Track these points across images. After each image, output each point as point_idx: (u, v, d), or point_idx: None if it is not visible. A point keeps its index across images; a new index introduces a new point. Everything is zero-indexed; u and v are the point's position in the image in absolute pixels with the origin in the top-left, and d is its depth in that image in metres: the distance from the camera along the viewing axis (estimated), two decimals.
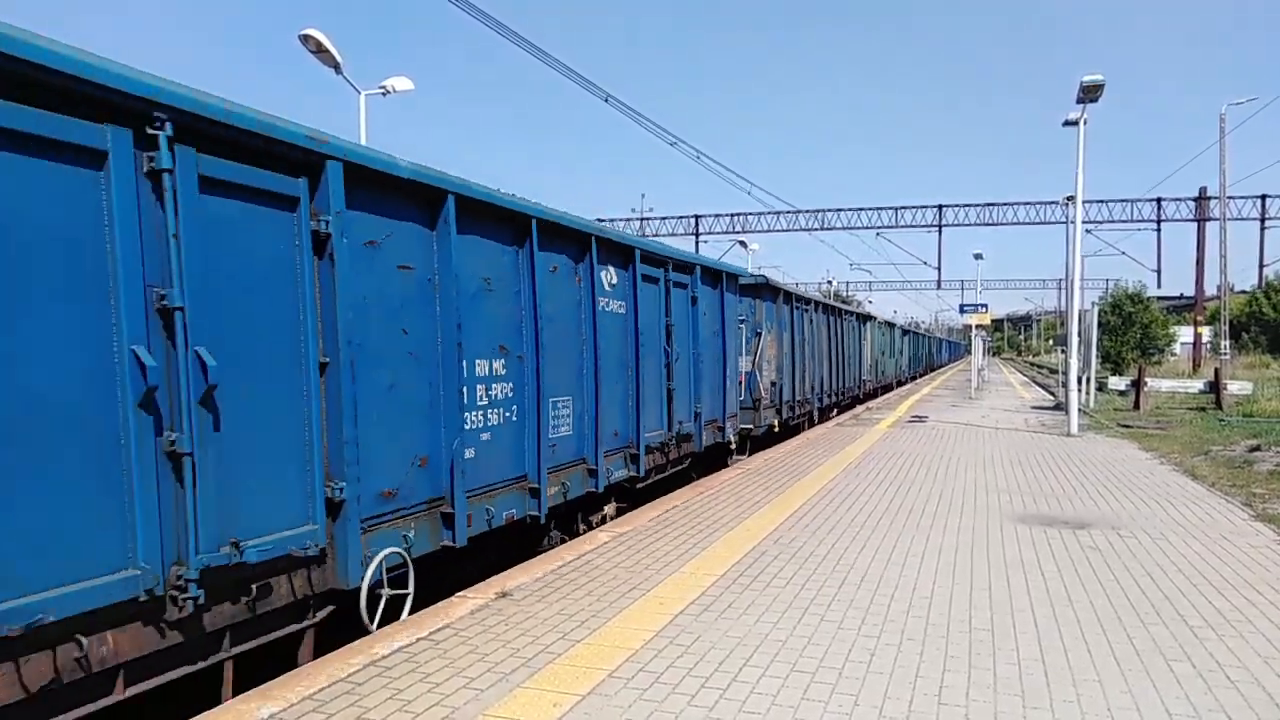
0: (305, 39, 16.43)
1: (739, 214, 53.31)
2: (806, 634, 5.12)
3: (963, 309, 36.93)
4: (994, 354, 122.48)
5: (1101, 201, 47.37)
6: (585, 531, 8.45)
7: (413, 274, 5.74)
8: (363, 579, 5.10)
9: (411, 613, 5.53)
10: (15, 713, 3.44)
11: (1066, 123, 17.65)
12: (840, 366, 23.43)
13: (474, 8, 11.88)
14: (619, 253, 9.00)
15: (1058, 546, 7.36)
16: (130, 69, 3.85)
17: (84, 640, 3.63)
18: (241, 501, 4.40)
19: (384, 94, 18.65)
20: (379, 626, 5.21)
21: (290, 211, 4.74)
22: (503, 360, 6.74)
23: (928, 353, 65.98)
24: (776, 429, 15.56)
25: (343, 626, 5.21)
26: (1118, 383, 27.98)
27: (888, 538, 7.66)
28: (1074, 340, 18.27)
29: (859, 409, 24.24)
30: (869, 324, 30.24)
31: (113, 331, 3.79)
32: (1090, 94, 16.06)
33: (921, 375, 55.08)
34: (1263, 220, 45.12)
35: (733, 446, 12.86)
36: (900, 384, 40.73)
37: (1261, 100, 74.85)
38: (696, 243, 53.80)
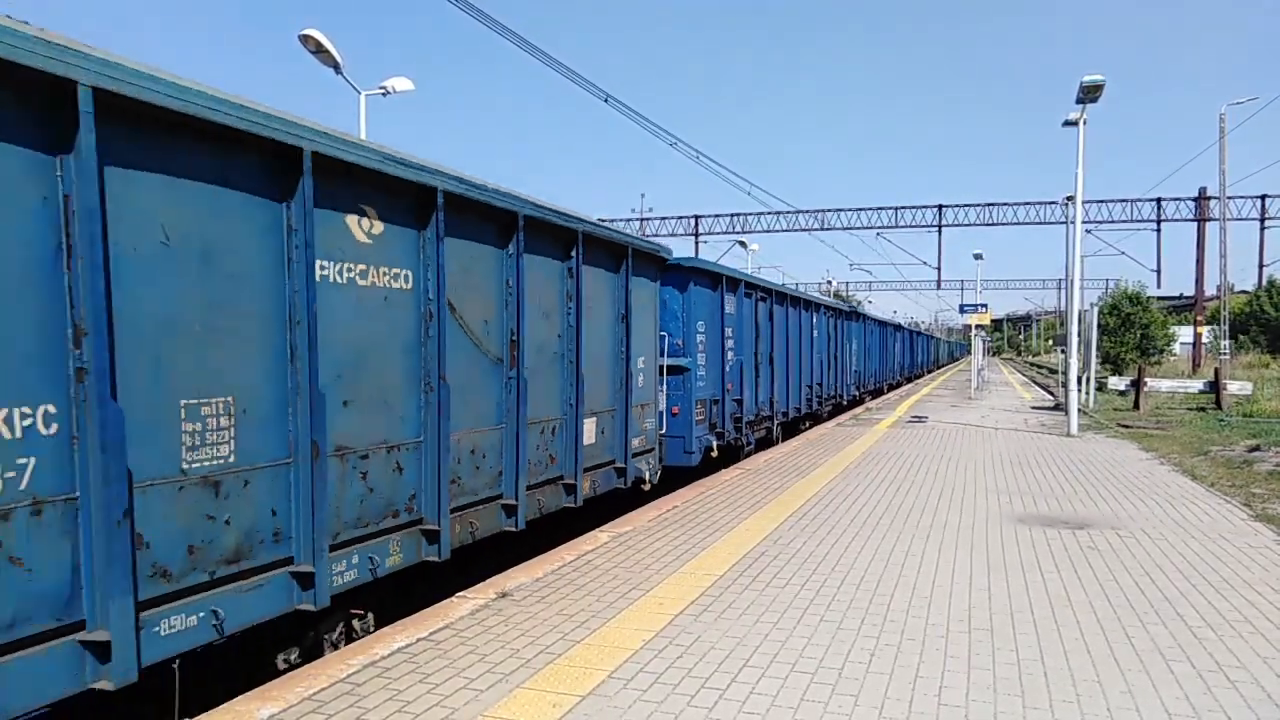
0: (305, 39, 16.42)
1: (739, 214, 53.09)
2: (806, 634, 5.13)
3: (963, 309, 36.98)
4: (994, 354, 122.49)
5: (1101, 201, 47.21)
6: (810, 427, 18.53)
7: (761, 322, 14.35)
8: (752, 444, 13.64)
9: (804, 430, 18.01)
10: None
11: (1066, 123, 17.65)
12: (884, 362, 34.37)
13: (474, 8, 11.88)
14: (810, 302, 18.61)
15: (1057, 547, 7.37)
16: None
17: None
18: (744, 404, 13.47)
19: (384, 94, 18.63)
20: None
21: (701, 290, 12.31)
22: (769, 366, 15.21)
23: (933, 354, 72.83)
24: (859, 398, 26.80)
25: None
26: (1117, 383, 27.96)
27: (887, 538, 7.67)
28: (1074, 340, 18.28)
29: (858, 409, 24.36)
30: (899, 332, 41.73)
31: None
32: (1090, 94, 16.06)
33: (927, 372, 59.18)
34: (1263, 220, 45.04)
35: (843, 405, 23.78)
36: (911, 379, 45.72)
37: (1262, 100, 74.94)
38: (696, 243, 53.72)
